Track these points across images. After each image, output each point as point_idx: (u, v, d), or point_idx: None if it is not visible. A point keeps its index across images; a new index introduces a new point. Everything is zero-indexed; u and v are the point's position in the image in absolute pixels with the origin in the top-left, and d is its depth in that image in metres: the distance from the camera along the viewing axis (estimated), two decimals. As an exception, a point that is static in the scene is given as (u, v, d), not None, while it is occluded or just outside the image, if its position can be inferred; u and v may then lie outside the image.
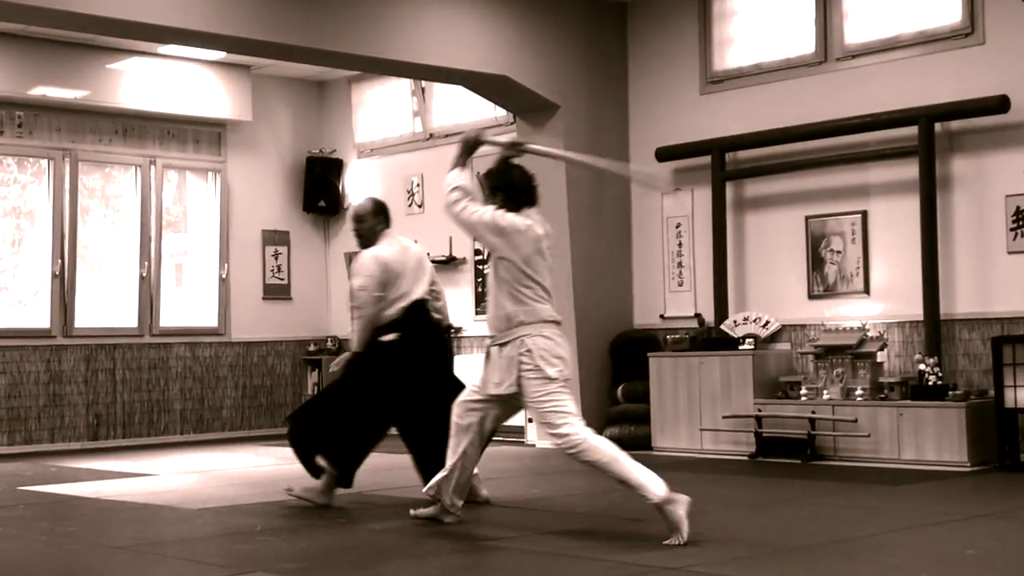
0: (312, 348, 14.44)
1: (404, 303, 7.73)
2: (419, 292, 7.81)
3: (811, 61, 10.89)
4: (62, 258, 12.75)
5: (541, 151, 7.56)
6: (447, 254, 13.24)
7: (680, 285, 11.66)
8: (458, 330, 13.02)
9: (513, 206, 6.82)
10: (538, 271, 6.71)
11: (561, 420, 6.51)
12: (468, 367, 12.74)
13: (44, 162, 12.84)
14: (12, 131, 12.55)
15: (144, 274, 13.32)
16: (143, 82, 13.04)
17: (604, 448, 6.50)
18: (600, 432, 11.26)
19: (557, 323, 6.73)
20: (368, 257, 7.77)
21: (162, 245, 13.51)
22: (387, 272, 7.71)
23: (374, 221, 7.97)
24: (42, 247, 12.80)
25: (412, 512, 7.13)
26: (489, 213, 6.75)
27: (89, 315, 13.01)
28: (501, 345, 6.69)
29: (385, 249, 7.83)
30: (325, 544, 6.54)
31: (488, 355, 6.82)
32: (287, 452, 11.72)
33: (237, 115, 13.78)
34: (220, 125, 13.93)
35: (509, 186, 6.91)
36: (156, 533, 7.00)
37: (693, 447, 10.82)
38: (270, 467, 10.60)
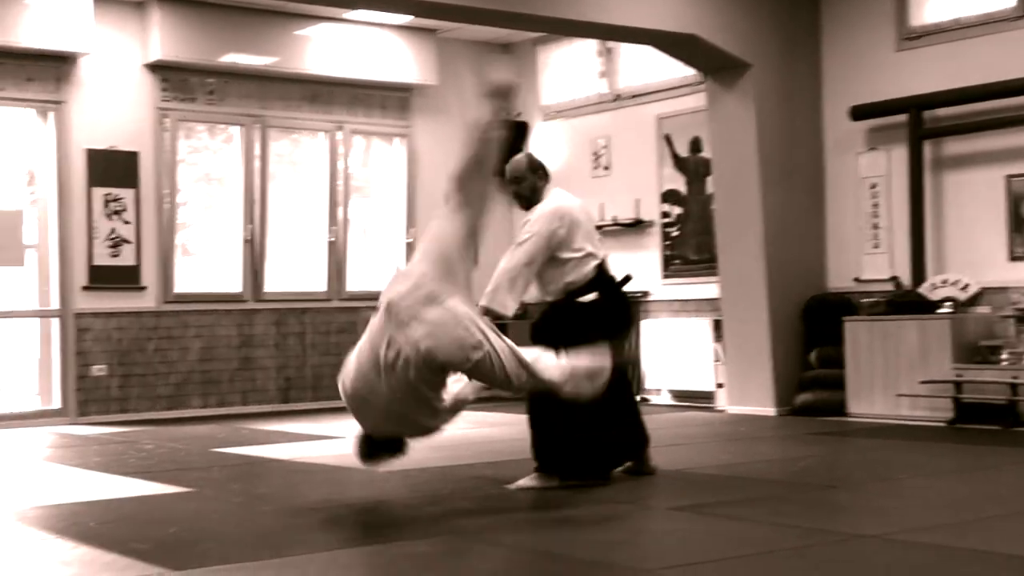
0: (498, 312, 14.41)
1: (595, 261, 7.20)
2: (603, 251, 7.33)
3: (1012, 15, 10.48)
4: (252, 223, 12.93)
5: None
6: (634, 217, 13.10)
7: (876, 247, 11.35)
8: (645, 294, 12.90)
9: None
10: None
11: None
12: (655, 332, 12.70)
13: (234, 129, 13.02)
14: (203, 98, 12.74)
15: (332, 239, 13.44)
16: (330, 48, 13.14)
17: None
18: (792, 398, 11.19)
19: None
20: (551, 208, 7.16)
21: (349, 210, 13.62)
22: (572, 227, 7.13)
23: (534, 178, 7.26)
24: (233, 213, 12.99)
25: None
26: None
27: (279, 279, 13.18)
28: None
29: (566, 200, 7.26)
30: (513, 506, 6.50)
31: None
32: (471, 415, 11.77)
33: (423, 79, 13.80)
34: (406, 90, 13.96)
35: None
36: (347, 495, 7.00)
37: (889, 413, 10.52)
38: (457, 430, 10.58)
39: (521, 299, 7.06)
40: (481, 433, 10.25)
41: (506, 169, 7.31)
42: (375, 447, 6.33)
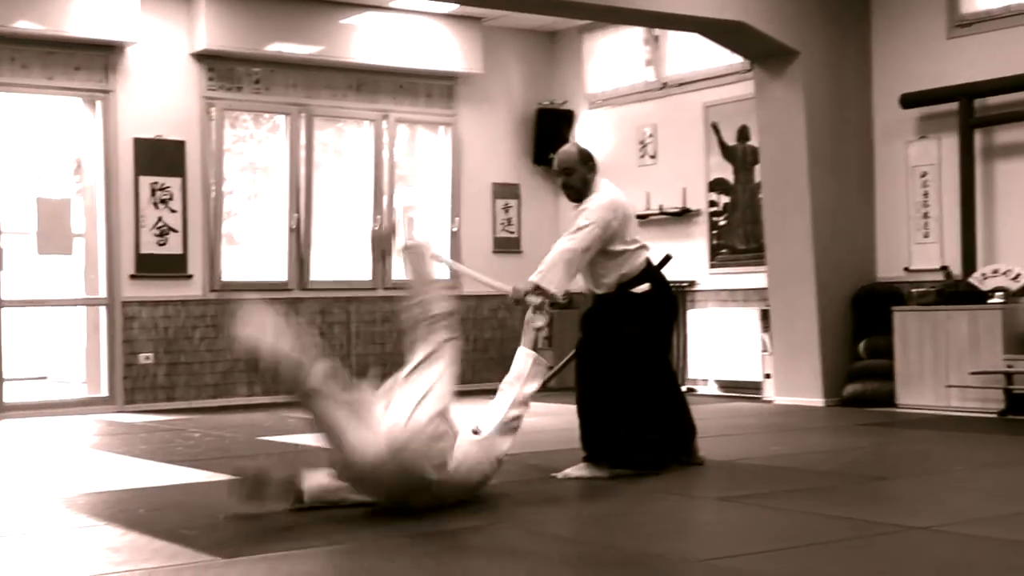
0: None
1: (647, 253, 7.19)
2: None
3: (1067, 1, 10.38)
4: (298, 212, 12.94)
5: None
6: (680, 206, 13.03)
7: (926, 236, 11.24)
8: (692, 284, 12.84)
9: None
10: None
11: None
12: (702, 322, 12.63)
13: (280, 118, 13.03)
14: (249, 87, 12.75)
15: (377, 227, 13.43)
16: (375, 37, 13.12)
17: None
18: (840, 389, 11.10)
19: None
20: (607, 199, 7.08)
21: (394, 199, 13.62)
22: (625, 220, 7.12)
23: (584, 169, 7.16)
24: (278, 202, 13.00)
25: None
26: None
27: (324, 268, 13.19)
28: None
29: (617, 192, 7.20)
30: (560, 495, 6.48)
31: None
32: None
33: (468, 68, 13.77)
34: (451, 78, 13.93)
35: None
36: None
37: (939, 404, 10.43)
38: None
39: (570, 285, 7.08)
40: (526, 422, 10.20)
41: (555, 160, 7.29)
42: None
